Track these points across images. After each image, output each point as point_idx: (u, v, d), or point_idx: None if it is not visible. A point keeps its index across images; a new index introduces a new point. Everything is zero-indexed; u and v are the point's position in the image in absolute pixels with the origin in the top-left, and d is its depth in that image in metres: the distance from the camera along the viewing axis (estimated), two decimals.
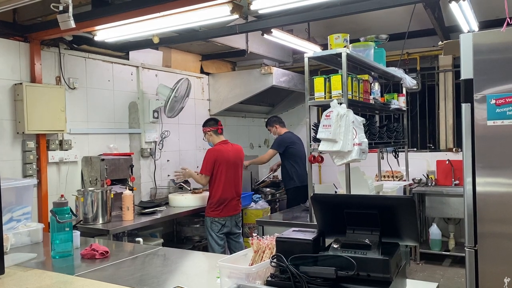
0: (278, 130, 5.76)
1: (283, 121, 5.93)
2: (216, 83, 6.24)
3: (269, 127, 5.90)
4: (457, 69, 5.67)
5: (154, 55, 5.39)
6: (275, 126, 5.78)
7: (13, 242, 2.78)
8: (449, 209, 5.58)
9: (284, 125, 5.88)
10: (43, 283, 2.08)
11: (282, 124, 5.86)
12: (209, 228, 4.47)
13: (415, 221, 1.76)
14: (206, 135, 4.67)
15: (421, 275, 5.22)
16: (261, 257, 1.88)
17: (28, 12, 3.89)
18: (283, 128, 5.81)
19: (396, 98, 4.75)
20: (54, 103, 4.05)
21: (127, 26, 3.58)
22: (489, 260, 2.31)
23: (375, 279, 1.59)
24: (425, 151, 6.33)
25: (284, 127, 5.85)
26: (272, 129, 5.83)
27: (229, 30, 4.42)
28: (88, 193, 3.92)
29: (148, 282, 2.11)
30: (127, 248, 3.02)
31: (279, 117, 6.01)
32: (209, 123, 4.69)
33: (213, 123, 4.68)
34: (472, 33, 2.36)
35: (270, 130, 5.90)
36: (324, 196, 2.16)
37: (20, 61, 3.96)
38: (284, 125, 5.89)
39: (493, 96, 2.26)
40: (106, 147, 4.66)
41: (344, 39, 3.57)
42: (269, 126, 5.89)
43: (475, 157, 2.32)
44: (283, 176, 5.68)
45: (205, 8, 3.11)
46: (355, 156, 3.27)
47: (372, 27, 5.57)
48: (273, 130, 5.81)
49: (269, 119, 5.95)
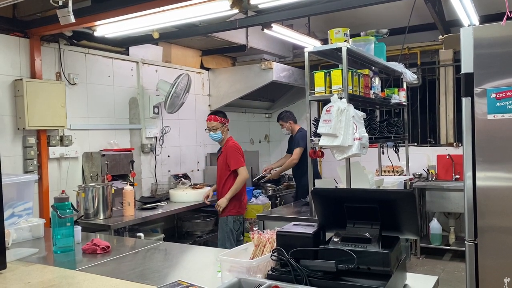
0: (292, 126, 5.54)
1: (295, 117, 5.69)
2: (216, 79, 6.23)
3: (282, 122, 5.57)
4: (458, 63, 5.65)
5: (154, 50, 5.39)
6: (289, 122, 5.53)
7: (14, 237, 2.79)
8: (450, 203, 5.58)
9: (297, 121, 5.65)
10: (44, 278, 2.09)
11: (295, 120, 5.62)
12: (231, 227, 4.35)
13: (415, 215, 1.77)
14: (224, 127, 4.43)
15: (421, 269, 5.23)
16: (262, 251, 1.88)
17: (28, 7, 3.88)
18: (297, 125, 5.58)
19: (397, 92, 4.75)
20: (55, 99, 4.05)
21: (127, 21, 3.57)
22: (489, 254, 2.31)
23: (375, 273, 1.60)
24: (425, 146, 6.33)
25: (297, 123, 5.63)
26: (286, 124, 5.55)
27: (229, 25, 4.42)
28: (89, 189, 3.92)
29: (149, 276, 2.12)
30: (128, 243, 3.03)
31: (292, 113, 5.70)
32: (225, 116, 4.52)
33: (226, 117, 4.54)
34: (473, 27, 2.35)
35: (283, 126, 5.58)
36: (324, 190, 2.17)
37: (20, 57, 3.95)
38: (296, 120, 5.65)
39: (494, 90, 2.26)
40: (107, 143, 4.66)
41: (345, 34, 3.56)
42: (282, 121, 5.57)
43: (475, 152, 2.33)
44: (298, 172, 5.50)
45: (204, 2, 3.11)
46: (356, 151, 3.27)
47: (372, 21, 5.55)
48: (287, 126, 5.54)
49: (283, 114, 5.64)
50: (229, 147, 4.37)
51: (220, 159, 4.46)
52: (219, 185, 4.47)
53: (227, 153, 4.36)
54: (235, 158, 4.33)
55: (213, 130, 4.41)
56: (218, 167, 4.52)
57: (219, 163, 4.50)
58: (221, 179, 4.44)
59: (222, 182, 4.41)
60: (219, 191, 4.47)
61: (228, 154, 4.33)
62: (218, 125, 4.39)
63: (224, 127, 4.44)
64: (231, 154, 4.33)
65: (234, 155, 4.33)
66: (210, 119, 4.44)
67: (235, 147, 4.39)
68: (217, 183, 4.53)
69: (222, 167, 4.42)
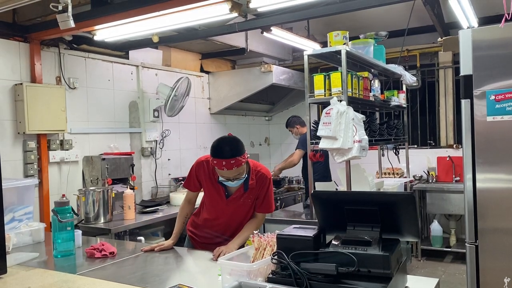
0: (299, 130, 5.64)
1: (303, 120, 5.72)
2: (216, 82, 6.24)
3: (290, 128, 5.77)
4: (457, 65, 5.64)
5: (154, 54, 5.39)
6: (296, 127, 5.67)
7: (15, 241, 2.79)
8: (450, 205, 5.58)
9: (304, 124, 5.64)
10: (45, 282, 2.09)
11: (302, 123, 5.67)
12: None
13: (415, 217, 1.77)
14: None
15: (422, 272, 5.23)
16: (262, 254, 1.89)
17: (28, 12, 3.89)
18: (304, 127, 5.60)
19: (396, 95, 4.75)
20: (55, 103, 4.05)
21: (126, 26, 3.58)
22: (490, 256, 2.31)
23: (376, 275, 1.60)
24: (425, 148, 6.33)
25: (305, 126, 5.59)
26: (294, 129, 5.70)
27: (228, 29, 4.43)
28: (90, 193, 3.93)
29: (150, 280, 2.12)
30: (128, 247, 3.03)
31: (298, 117, 5.79)
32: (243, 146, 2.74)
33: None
34: (471, 29, 2.36)
35: (292, 131, 5.76)
36: (324, 193, 2.17)
37: (20, 61, 3.96)
38: (304, 123, 5.65)
39: (493, 92, 2.26)
40: (107, 147, 4.66)
41: (344, 37, 3.57)
42: (290, 127, 5.76)
43: (475, 153, 2.33)
44: (303, 173, 5.62)
45: (204, 6, 3.11)
46: (355, 153, 3.27)
47: (371, 24, 5.56)
48: (295, 130, 5.69)
49: (289, 121, 5.79)
50: (269, 182, 2.74)
51: (247, 198, 2.71)
52: (232, 225, 2.78)
53: (267, 189, 2.73)
54: (273, 197, 2.82)
55: (238, 177, 2.57)
56: (238, 212, 2.75)
57: (244, 206, 2.73)
58: (242, 219, 2.77)
59: (239, 223, 2.77)
60: (230, 230, 2.78)
61: (269, 193, 2.74)
62: (244, 168, 2.59)
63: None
64: (272, 193, 2.78)
65: (272, 192, 2.81)
66: (232, 166, 2.47)
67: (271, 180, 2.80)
68: (226, 222, 2.78)
69: (249, 205, 2.73)
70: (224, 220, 2.76)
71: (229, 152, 2.46)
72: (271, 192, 2.75)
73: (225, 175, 2.54)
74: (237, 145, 2.53)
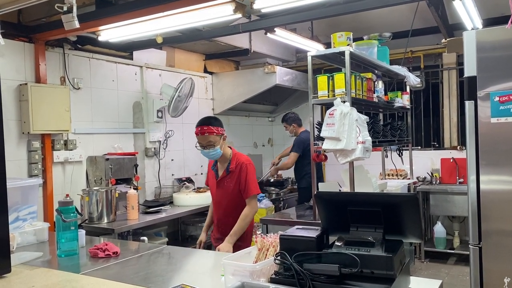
0: (295, 129, 5.56)
1: (301, 120, 5.69)
2: (220, 83, 6.25)
3: (286, 124, 5.62)
4: (461, 66, 5.62)
5: (158, 55, 5.41)
6: (293, 125, 5.56)
7: (19, 241, 2.80)
8: (454, 207, 5.56)
9: (301, 125, 5.65)
10: (49, 281, 2.10)
11: (300, 122, 5.63)
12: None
13: (418, 219, 1.77)
14: (222, 139, 3.13)
15: (426, 273, 5.21)
16: (265, 255, 1.88)
17: (33, 13, 3.91)
18: (300, 128, 5.59)
19: (400, 96, 4.75)
20: (59, 103, 4.07)
21: (130, 26, 3.59)
22: (494, 258, 2.30)
23: (379, 276, 1.59)
24: (429, 149, 6.31)
25: (301, 126, 5.63)
26: (289, 127, 5.58)
27: (232, 30, 4.43)
28: (93, 193, 3.94)
29: (153, 280, 2.12)
30: (132, 247, 3.04)
31: (297, 115, 5.71)
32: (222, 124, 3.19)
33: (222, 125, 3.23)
34: (475, 30, 2.36)
35: (287, 128, 5.63)
36: (327, 194, 2.17)
37: (25, 61, 3.98)
38: (301, 123, 5.65)
39: (497, 93, 2.26)
40: (111, 147, 4.68)
41: (347, 38, 3.57)
42: (286, 123, 5.61)
43: (479, 155, 2.32)
44: (296, 174, 5.57)
45: (208, 7, 3.12)
46: (359, 154, 3.27)
47: (375, 25, 5.56)
48: (291, 128, 5.58)
49: (287, 116, 5.65)
50: (246, 166, 3.13)
51: (230, 182, 3.15)
52: (227, 218, 3.18)
53: (247, 173, 3.10)
54: (255, 181, 3.15)
55: (209, 146, 3.06)
56: (225, 194, 3.19)
57: (227, 188, 3.17)
58: (231, 209, 3.16)
59: (232, 214, 3.13)
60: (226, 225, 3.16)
61: (248, 176, 3.10)
62: (216, 138, 3.06)
63: (223, 140, 3.13)
64: (252, 176, 3.12)
65: (254, 176, 3.15)
66: (204, 131, 3.04)
67: (253, 166, 3.20)
68: (222, 215, 3.24)
69: (235, 193, 3.14)
70: (217, 200, 3.29)
71: (203, 121, 3.12)
72: (251, 175, 3.13)
73: (199, 141, 3.11)
74: (213, 119, 3.18)
